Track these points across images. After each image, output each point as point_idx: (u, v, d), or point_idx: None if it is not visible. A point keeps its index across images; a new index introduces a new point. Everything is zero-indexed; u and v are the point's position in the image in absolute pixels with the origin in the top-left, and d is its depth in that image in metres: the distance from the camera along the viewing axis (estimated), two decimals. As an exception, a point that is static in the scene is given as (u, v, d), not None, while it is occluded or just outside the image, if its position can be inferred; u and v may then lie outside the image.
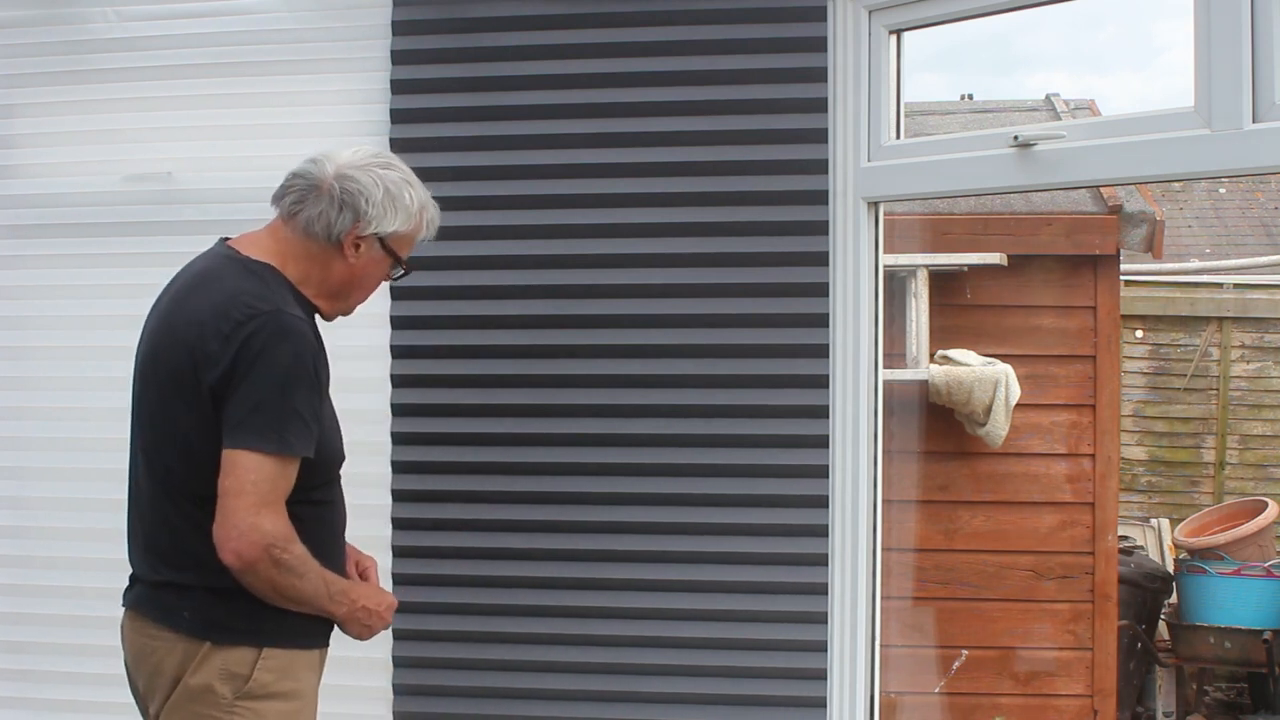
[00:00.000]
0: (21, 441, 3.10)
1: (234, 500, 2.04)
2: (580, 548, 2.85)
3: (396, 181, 2.23)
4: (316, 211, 2.19)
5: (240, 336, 2.07)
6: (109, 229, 3.04)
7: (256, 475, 2.05)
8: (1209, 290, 7.45)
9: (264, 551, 2.04)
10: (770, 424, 2.80)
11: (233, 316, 2.09)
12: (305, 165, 2.24)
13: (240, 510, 2.04)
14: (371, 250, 2.23)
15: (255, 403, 2.06)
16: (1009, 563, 4.68)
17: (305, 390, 2.10)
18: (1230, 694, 6.15)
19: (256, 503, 2.04)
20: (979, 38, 30.00)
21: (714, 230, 2.83)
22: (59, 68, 3.07)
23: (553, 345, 2.86)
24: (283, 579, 2.08)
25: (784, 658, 2.78)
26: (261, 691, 2.12)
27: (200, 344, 2.10)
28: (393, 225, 2.22)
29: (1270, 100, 2.19)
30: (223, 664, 2.11)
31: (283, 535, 2.06)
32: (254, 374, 2.06)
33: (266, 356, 2.07)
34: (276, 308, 2.11)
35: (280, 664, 2.14)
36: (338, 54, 2.98)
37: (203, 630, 2.13)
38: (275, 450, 2.06)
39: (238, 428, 2.06)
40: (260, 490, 2.05)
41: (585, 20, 2.87)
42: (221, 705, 2.10)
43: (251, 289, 2.14)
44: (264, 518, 2.04)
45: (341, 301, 2.29)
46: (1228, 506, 6.21)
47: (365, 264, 2.24)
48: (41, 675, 3.05)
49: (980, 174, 2.58)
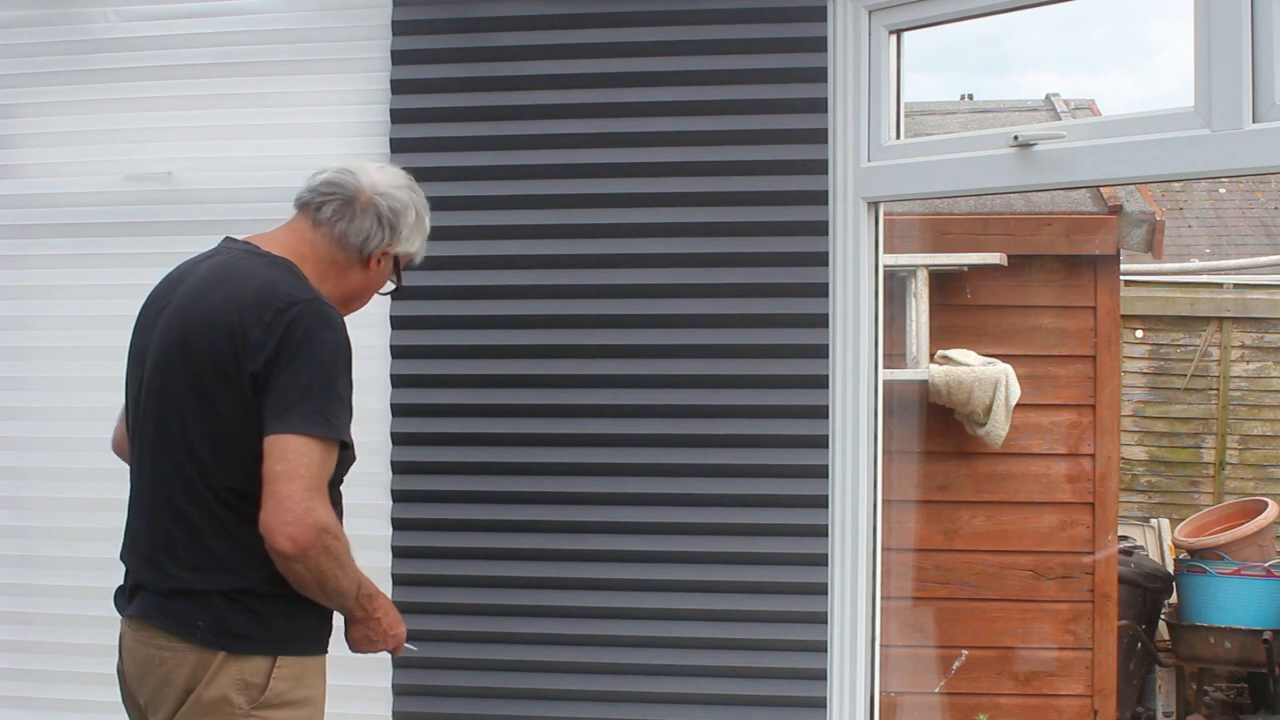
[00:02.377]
0: (21, 441, 3.10)
1: (286, 485, 2.00)
2: (580, 548, 2.85)
3: (422, 206, 2.34)
4: (358, 225, 2.25)
5: (283, 323, 2.07)
6: (109, 229, 3.05)
7: (309, 459, 2.02)
8: (1209, 290, 7.45)
9: (318, 537, 2.01)
10: (770, 424, 2.80)
11: (273, 304, 2.09)
12: (340, 175, 2.27)
13: (295, 495, 2.00)
14: (386, 266, 2.32)
15: (303, 387, 2.05)
16: (1009, 563, 4.68)
17: (346, 376, 2.12)
18: (1230, 694, 6.15)
19: (310, 487, 2.01)
20: (970, 38, 29.95)
21: (714, 230, 2.83)
22: (59, 68, 3.07)
23: (553, 345, 2.86)
24: (330, 569, 2.06)
25: (784, 658, 2.78)
26: (277, 700, 2.10)
27: (241, 331, 2.08)
28: (413, 246, 2.33)
29: (1270, 100, 2.19)
30: (239, 674, 2.08)
31: (333, 523, 2.05)
32: (299, 359, 2.06)
33: (311, 342, 2.07)
34: (314, 296, 2.14)
35: (294, 672, 2.13)
36: (338, 54, 2.98)
37: (218, 640, 2.09)
38: (323, 434, 2.05)
39: (286, 412, 2.04)
40: (312, 474, 2.02)
41: (585, 20, 2.87)
42: (237, 716, 2.07)
43: (286, 280, 2.15)
44: (318, 503, 2.02)
45: (343, 307, 2.29)
46: (1228, 506, 6.21)
47: (378, 277, 2.33)
48: (43, 675, 3.06)
49: (980, 174, 2.58)
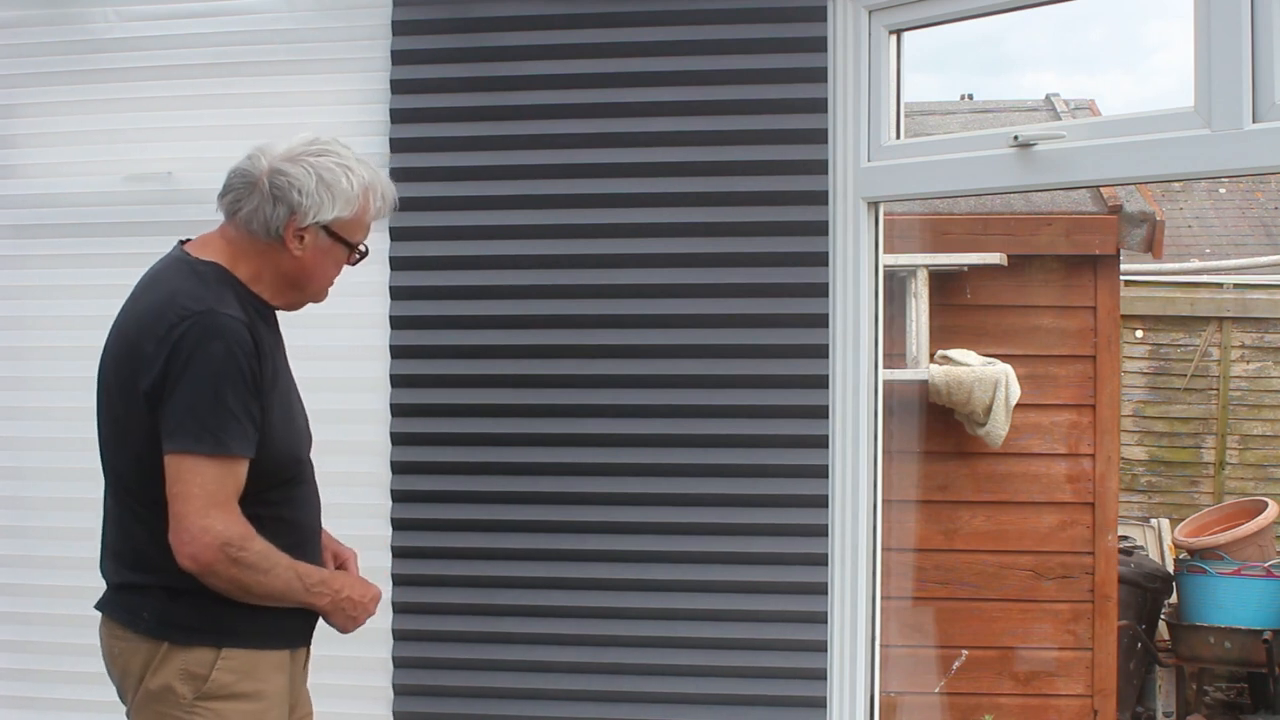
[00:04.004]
0: (21, 441, 3.10)
1: (182, 505, 2.02)
2: (580, 548, 2.85)
3: (332, 168, 2.15)
4: (253, 208, 2.15)
5: (173, 339, 2.05)
6: (109, 229, 3.04)
7: (201, 478, 2.02)
8: (1209, 290, 7.45)
9: (219, 552, 2.01)
10: (770, 424, 2.80)
11: (167, 319, 2.07)
12: (244, 162, 2.19)
13: (190, 515, 2.01)
14: (318, 240, 2.17)
15: (189, 405, 2.03)
16: (1009, 563, 4.68)
17: (238, 389, 2.05)
18: (1230, 694, 6.15)
19: (204, 505, 2.01)
20: (970, 38, 29.92)
21: (714, 230, 2.83)
22: (59, 68, 3.07)
23: (552, 345, 2.86)
24: (247, 577, 2.05)
25: (784, 657, 2.78)
26: (222, 692, 2.09)
27: (139, 348, 2.09)
28: (332, 213, 2.15)
29: (1270, 100, 2.19)
30: (182, 664, 2.09)
31: (237, 534, 2.03)
32: (186, 375, 2.03)
33: (198, 357, 2.04)
34: (209, 307, 2.07)
35: (241, 664, 2.11)
36: (338, 54, 2.98)
37: (161, 630, 2.11)
38: (212, 451, 2.02)
39: (175, 432, 2.03)
40: (207, 491, 2.02)
41: (585, 20, 2.87)
42: (182, 705, 2.08)
43: (189, 290, 2.11)
44: (214, 519, 2.01)
45: (299, 292, 2.24)
46: (1228, 506, 6.21)
47: (313, 254, 2.18)
48: (43, 674, 3.05)
49: (980, 174, 2.58)
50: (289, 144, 2.18)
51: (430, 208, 2.90)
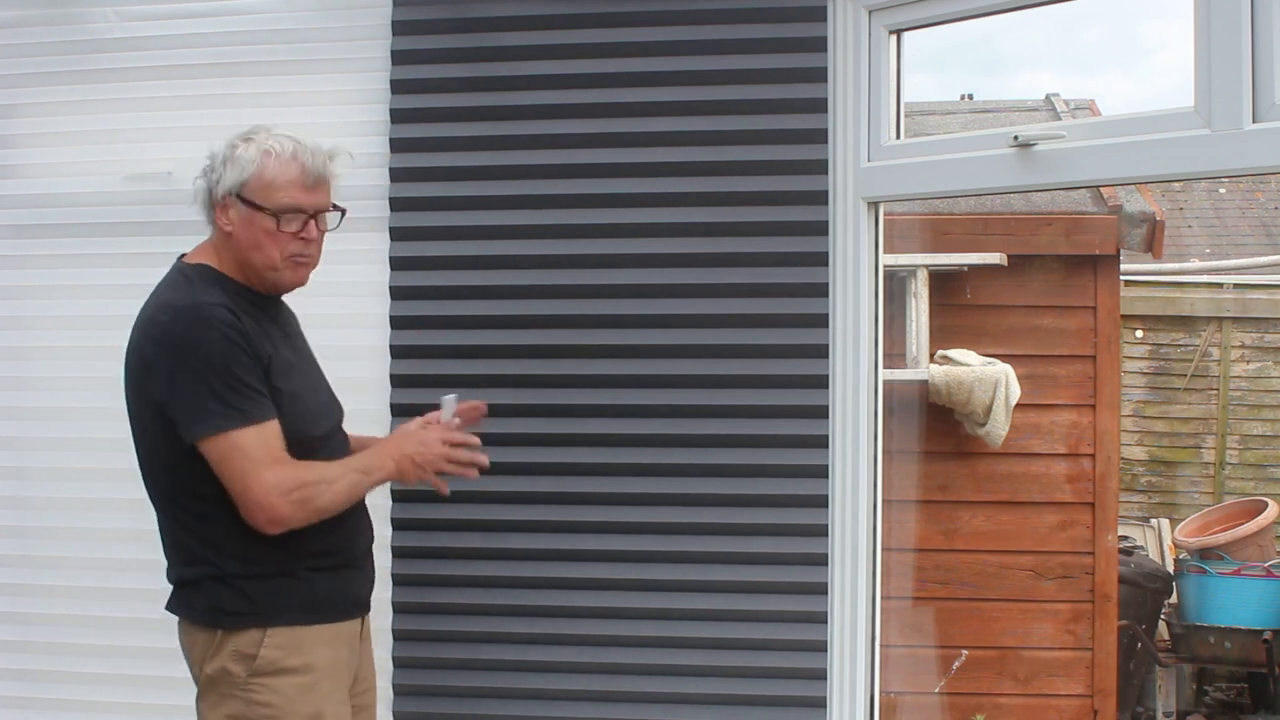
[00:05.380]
0: (21, 441, 3.10)
1: (237, 484, 2.17)
2: (580, 548, 2.85)
3: (232, 143, 2.31)
4: (198, 207, 2.34)
5: (166, 338, 2.19)
6: (109, 229, 3.04)
7: (239, 452, 2.16)
8: (1209, 290, 7.45)
9: (287, 506, 2.18)
10: (770, 424, 2.80)
11: (158, 320, 2.22)
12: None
13: (247, 490, 2.16)
14: (239, 210, 2.28)
15: (202, 390, 2.15)
16: (1009, 563, 4.68)
17: (242, 364, 2.19)
18: (1230, 694, 6.15)
19: (255, 473, 2.16)
20: (970, 38, 29.93)
21: (714, 230, 2.83)
22: (59, 68, 3.07)
23: (552, 345, 2.86)
24: (320, 502, 2.22)
25: (784, 657, 2.78)
26: (271, 668, 2.23)
27: (143, 354, 2.24)
28: (231, 179, 2.27)
29: (1270, 100, 2.19)
30: (234, 647, 2.23)
31: (289, 480, 2.18)
32: (189, 366, 2.17)
33: (193, 346, 2.17)
34: (194, 302, 2.21)
35: (286, 640, 2.25)
36: (338, 54, 2.98)
37: (213, 619, 2.26)
38: (241, 424, 2.16)
39: (198, 420, 2.16)
40: (252, 460, 2.16)
41: (585, 20, 2.87)
42: (238, 684, 2.23)
43: (177, 293, 2.26)
44: (265, 482, 2.16)
45: (253, 269, 2.31)
46: (1228, 506, 6.22)
47: (240, 225, 2.28)
48: (43, 675, 3.05)
49: (980, 174, 2.58)
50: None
51: (430, 208, 2.90)
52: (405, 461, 2.34)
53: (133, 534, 2.97)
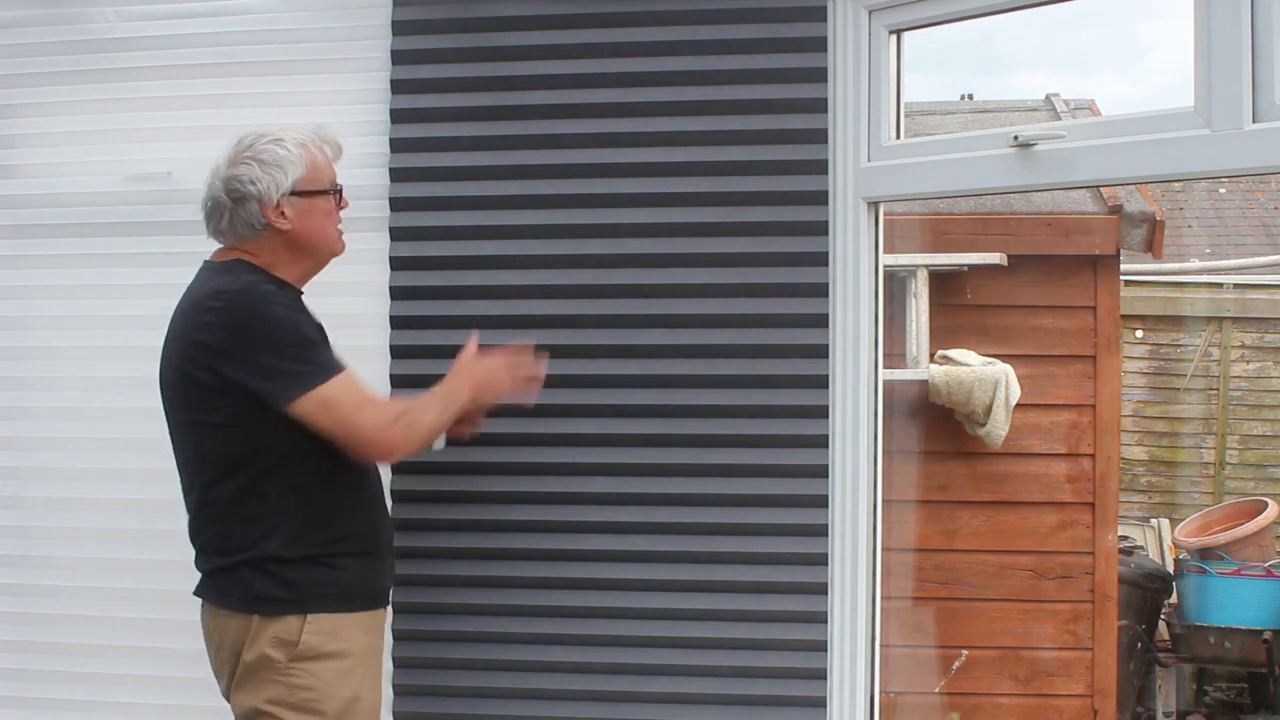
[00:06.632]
0: (21, 441, 3.10)
1: (343, 430, 2.29)
2: (580, 548, 2.85)
3: (266, 148, 2.39)
4: (230, 220, 2.40)
5: (228, 318, 2.28)
6: (109, 229, 3.04)
7: (332, 404, 2.27)
8: (1209, 290, 7.45)
9: (396, 434, 2.33)
10: (770, 424, 2.80)
11: (212, 306, 2.31)
12: (204, 190, 2.43)
13: (357, 433, 2.30)
14: (296, 206, 2.39)
15: (284, 356, 2.26)
16: (1009, 563, 4.68)
17: (309, 326, 2.33)
18: (1230, 694, 6.15)
19: (355, 416, 2.29)
20: (970, 38, 29.94)
21: (714, 230, 2.83)
22: (59, 68, 3.07)
23: (552, 345, 2.85)
24: (424, 425, 2.38)
25: (784, 657, 2.78)
26: (312, 653, 2.32)
27: (189, 343, 2.31)
28: (289, 180, 2.38)
29: (1270, 100, 2.19)
30: (274, 634, 2.32)
31: (386, 412, 2.35)
32: (263, 338, 2.27)
33: (260, 319, 2.28)
34: (245, 283, 2.33)
35: (325, 627, 2.34)
36: (338, 54, 2.98)
37: (249, 604, 2.34)
38: (327, 377, 2.28)
39: (290, 383, 2.26)
40: (348, 406, 2.28)
41: (585, 20, 2.87)
42: (279, 669, 2.31)
43: (224, 279, 2.36)
44: (369, 418, 2.31)
45: (312, 258, 2.47)
46: (1228, 506, 6.22)
47: (302, 218, 2.40)
48: (43, 675, 3.05)
49: (980, 174, 2.58)
50: (226, 154, 2.42)
51: (430, 208, 2.90)
52: (479, 382, 2.49)
53: (133, 534, 2.98)
